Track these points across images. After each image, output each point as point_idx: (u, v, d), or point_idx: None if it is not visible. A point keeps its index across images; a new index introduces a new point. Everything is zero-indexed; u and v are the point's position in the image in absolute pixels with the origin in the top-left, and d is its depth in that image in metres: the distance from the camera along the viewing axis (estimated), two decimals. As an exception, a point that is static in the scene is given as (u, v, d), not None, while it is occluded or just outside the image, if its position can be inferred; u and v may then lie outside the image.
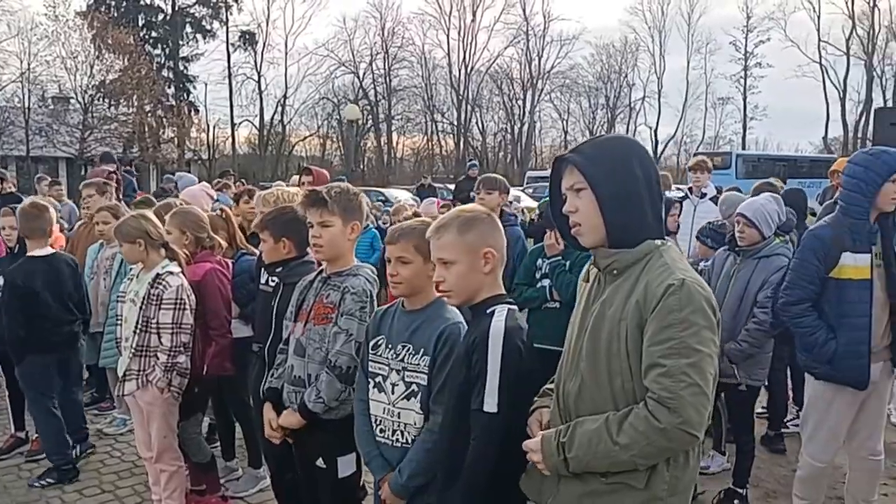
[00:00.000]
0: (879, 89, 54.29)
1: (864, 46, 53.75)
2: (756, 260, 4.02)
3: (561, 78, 60.91)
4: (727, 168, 35.46)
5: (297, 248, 3.34)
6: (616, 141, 2.04)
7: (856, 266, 3.36)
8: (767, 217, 3.97)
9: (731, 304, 4.04)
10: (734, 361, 3.99)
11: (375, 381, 2.61)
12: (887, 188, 3.31)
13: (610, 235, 1.93)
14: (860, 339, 3.37)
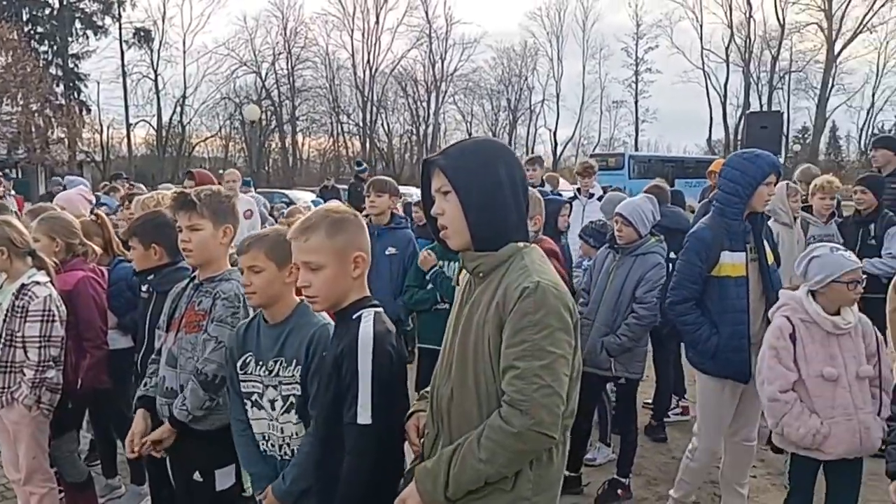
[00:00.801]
0: (756, 94, 57.54)
1: (741, 54, 56.88)
2: (633, 257, 4.13)
3: (464, 80, 61.45)
4: (621, 168, 36.71)
5: (169, 255, 3.17)
6: (482, 145, 2.00)
7: (733, 264, 3.52)
8: (643, 216, 4.10)
9: (610, 299, 4.14)
10: (612, 355, 4.08)
11: (252, 400, 2.49)
12: (762, 190, 3.47)
13: (475, 238, 1.91)
14: (740, 333, 3.52)
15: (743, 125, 13.22)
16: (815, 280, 2.91)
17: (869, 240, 5.27)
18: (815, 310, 2.91)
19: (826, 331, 2.92)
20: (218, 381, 2.68)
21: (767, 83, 57.03)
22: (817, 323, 2.92)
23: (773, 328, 3.00)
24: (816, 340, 2.92)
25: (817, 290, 2.94)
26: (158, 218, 3.19)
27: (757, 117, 11.22)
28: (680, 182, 39.93)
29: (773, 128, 10.47)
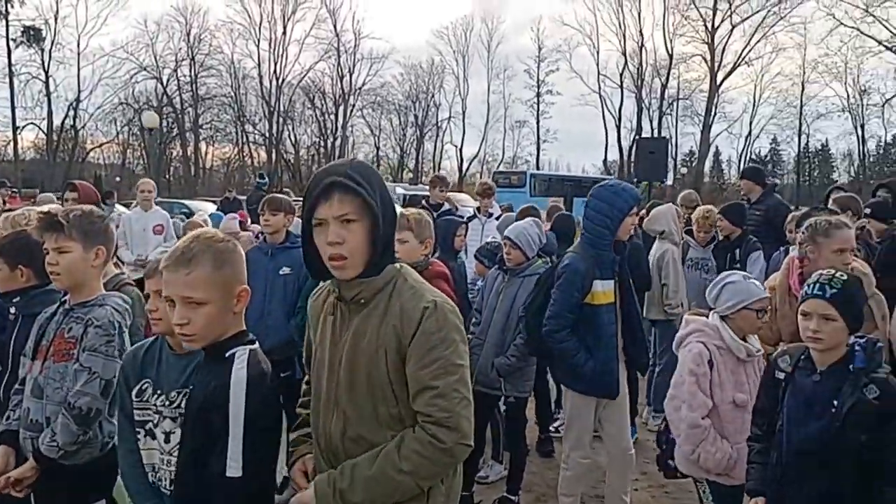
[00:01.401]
0: (647, 119, 60.24)
1: (634, 81, 59.46)
2: (521, 279, 4.20)
3: (372, 95, 61.29)
4: (522, 186, 37.60)
5: (37, 276, 2.94)
6: (368, 165, 1.93)
7: (604, 292, 3.70)
8: (530, 239, 4.17)
9: (500, 320, 4.19)
10: (502, 375, 4.12)
11: (146, 429, 2.21)
12: (627, 221, 3.64)
13: (368, 267, 1.82)
14: (612, 356, 3.73)
15: (635, 149, 13.73)
16: (727, 306, 2.94)
17: (734, 263, 5.56)
18: (730, 336, 2.92)
19: (737, 357, 2.96)
20: (92, 414, 2.49)
21: (658, 109, 59.78)
22: (730, 349, 2.94)
23: (693, 355, 2.94)
24: (728, 367, 2.95)
25: (727, 315, 2.96)
26: (24, 238, 2.96)
27: (646, 143, 11.72)
28: (578, 200, 41.26)
29: (659, 153, 10.96)
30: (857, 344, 2.36)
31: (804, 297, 2.43)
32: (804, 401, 2.44)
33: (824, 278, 2.43)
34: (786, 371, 2.52)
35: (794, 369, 2.49)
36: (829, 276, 2.43)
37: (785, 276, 3.32)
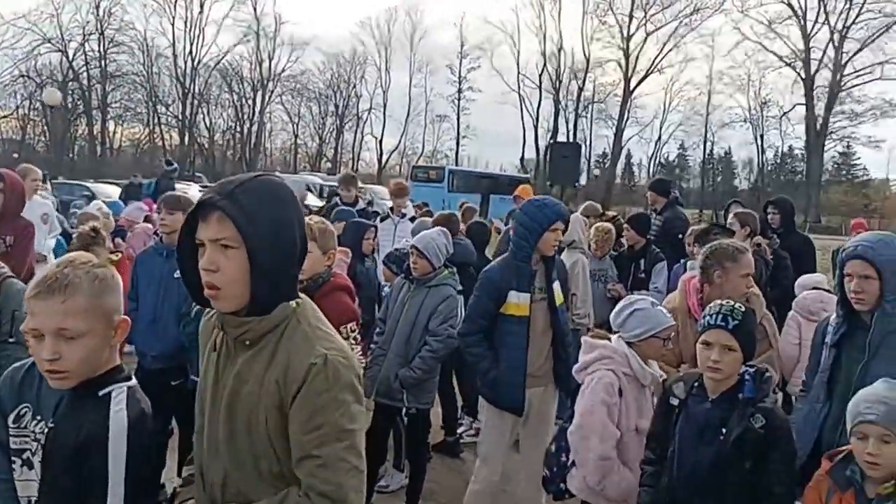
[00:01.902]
0: (564, 120, 61.52)
1: (552, 82, 60.57)
2: (427, 289, 4.11)
3: (292, 82, 60.04)
4: (441, 181, 37.66)
5: None
6: (271, 186, 1.66)
7: (518, 304, 3.65)
8: (437, 249, 4.09)
9: (404, 331, 4.10)
10: (405, 387, 4.03)
11: (23, 458, 1.93)
12: (547, 236, 3.61)
13: (253, 303, 1.62)
14: (516, 369, 3.67)
15: (548, 153, 13.95)
16: (635, 333, 2.90)
17: (639, 273, 5.67)
18: (639, 364, 2.90)
19: (641, 384, 2.94)
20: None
21: (574, 111, 61.15)
22: (636, 377, 2.92)
23: (605, 384, 2.87)
24: (633, 394, 2.92)
25: (634, 342, 2.93)
26: None
27: (560, 147, 11.92)
28: (495, 197, 41.82)
29: (572, 157, 11.15)
30: (748, 373, 2.40)
31: (706, 327, 2.43)
32: (696, 427, 2.46)
33: (725, 309, 2.44)
34: (680, 398, 2.53)
35: (688, 396, 2.51)
36: (729, 307, 2.45)
37: (684, 298, 3.35)
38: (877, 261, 2.56)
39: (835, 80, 55.34)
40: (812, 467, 2.60)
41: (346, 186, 8.17)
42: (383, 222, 7.80)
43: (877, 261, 2.56)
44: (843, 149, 61.84)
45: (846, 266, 2.66)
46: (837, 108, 56.19)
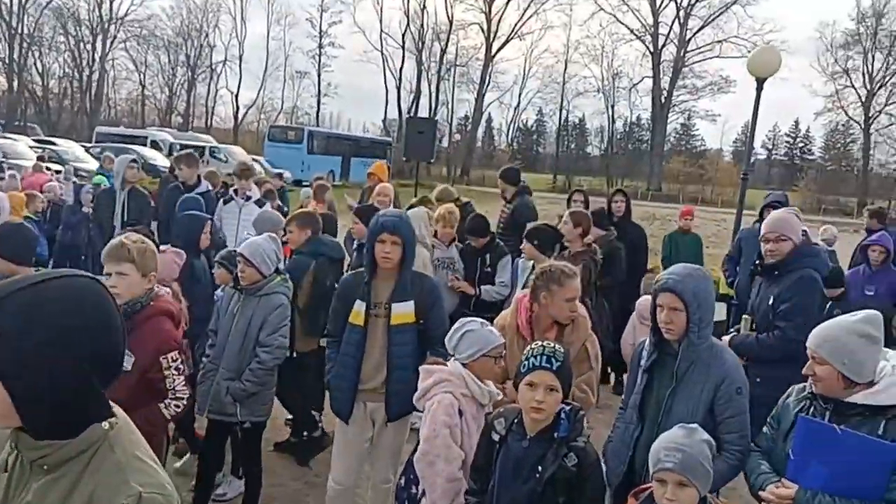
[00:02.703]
0: (427, 82, 61.50)
1: (416, 43, 60.22)
2: (257, 298, 3.92)
3: (137, 27, 55.85)
4: (300, 143, 36.60)
5: None
6: (57, 296, 1.34)
7: (357, 312, 3.59)
8: (265, 257, 3.91)
9: (235, 343, 3.90)
10: (238, 400, 3.86)
11: None
12: (377, 248, 3.51)
13: (33, 432, 1.35)
14: (345, 376, 3.63)
15: (405, 127, 13.85)
16: (468, 354, 2.90)
17: (485, 268, 5.73)
18: (476, 384, 2.89)
19: (480, 403, 2.94)
20: None
21: (437, 73, 61.18)
22: (475, 397, 2.92)
23: (445, 406, 2.84)
24: (472, 414, 2.92)
25: (468, 363, 2.92)
26: None
27: (415, 122, 11.80)
28: (356, 160, 41.25)
29: (428, 133, 11.06)
30: (563, 411, 2.46)
31: (530, 368, 2.46)
32: (514, 464, 2.51)
33: (549, 350, 2.48)
34: (500, 434, 2.57)
35: (508, 433, 2.55)
36: (552, 349, 2.49)
37: (514, 317, 3.40)
38: (684, 294, 2.70)
39: (679, 55, 58.94)
40: (626, 486, 2.75)
41: (186, 165, 7.66)
42: (227, 205, 7.41)
43: (684, 294, 2.70)
44: (685, 121, 66.43)
45: (657, 297, 2.79)
46: (681, 83, 60.06)
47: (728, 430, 2.69)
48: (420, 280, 3.71)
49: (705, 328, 2.73)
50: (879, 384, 2.31)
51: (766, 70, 8.89)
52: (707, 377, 2.72)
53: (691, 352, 2.74)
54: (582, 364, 3.20)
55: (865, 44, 56.63)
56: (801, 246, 3.95)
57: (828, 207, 52.43)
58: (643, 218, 29.74)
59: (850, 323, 2.38)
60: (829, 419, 2.35)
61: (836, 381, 2.35)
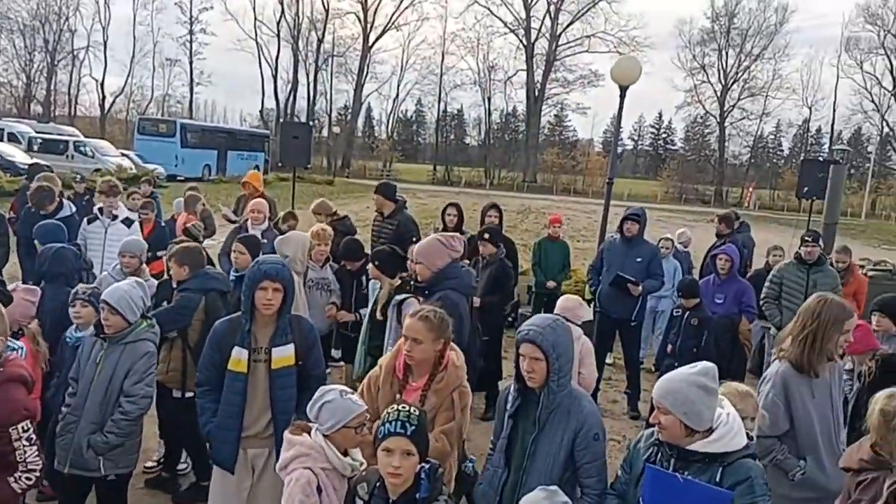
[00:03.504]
0: (304, 72, 60.19)
1: (291, 31, 58.69)
2: (122, 346, 3.72)
3: (-15, 9, 51.21)
4: (172, 136, 34.77)
5: None
6: None
7: (238, 359, 3.50)
8: (131, 303, 3.72)
9: (98, 393, 3.68)
10: (100, 453, 3.66)
11: None
12: (258, 295, 3.42)
13: None
14: (229, 425, 3.53)
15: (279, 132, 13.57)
16: (328, 426, 2.79)
17: (361, 290, 5.73)
18: (335, 456, 2.80)
19: (342, 475, 2.85)
20: None
21: (314, 63, 59.96)
22: (337, 469, 2.82)
23: (302, 485, 2.73)
24: (334, 485, 2.82)
25: (329, 434, 2.82)
26: None
27: (290, 127, 11.58)
28: (232, 154, 39.82)
29: (303, 138, 10.86)
30: (423, 471, 2.48)
31: (386, 434, 2.46)
32: (379, 529, 2.50)
33: (403, 415, 2.48)
34: (364, 499, 2.57)
35: (371, 497, 2.55)
36: (406, 413, 2.50)
37: (393, 358, 3.39)
38: (543, 345, 2.81)
39: (551, 48, 60.83)
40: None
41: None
42: (91, 225, 6.94)
43: (543, 345, 2.81)
44: (558, 112, 68.71)
45: (520, 347, 2.88)
46: (553, 76, 62.03)
47: (587, 474, 2.83)
48: (297, 322, 3.66)
49: (564, 377, 2.84)
50: (715, 433, 2.49)
51: (628, 78, 9.31)
52: (567, 424, 2.84)
53: (552, 400, 2.84)
54: (446, 413, 3.22)
55: (720, 41, 60.83)
56: (444, 268, 4.36)
57: (688, 196, 55.94)
58: (519, 211, 30.82)
59: (689, 375, 2.55)
60: (674, 466, 2.52)
61: (678, 429, 2.51)
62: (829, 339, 3.33)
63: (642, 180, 68.79)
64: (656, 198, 53.43)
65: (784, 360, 3.42)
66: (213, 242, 9.26)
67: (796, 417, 3.33)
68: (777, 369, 3.42)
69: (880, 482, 2.64)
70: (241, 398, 3.52)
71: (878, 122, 59.31)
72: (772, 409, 3.33)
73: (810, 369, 3.34)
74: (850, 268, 7.29)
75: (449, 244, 4.43)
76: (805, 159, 14.14)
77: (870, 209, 52.08)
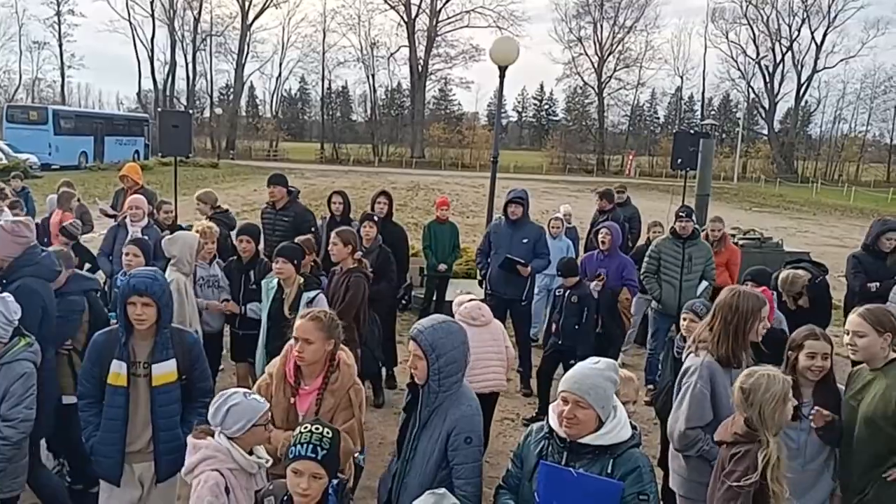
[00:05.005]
0: (182, 53, 57.34)
1: (166, 11, 55.66)
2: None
3: None
4: (45, 123, 32.49)
5: None
6: None
7: (118, 373, 3.37)
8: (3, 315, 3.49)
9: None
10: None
11: None
12: (129, 309, 3.31)
13: None
14: (111, 440, 3.41)
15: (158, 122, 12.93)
16: (237, 428, 2.76)
17: (250, 285, 5.58)
18: (242, 456, 2.78)
19: (248, 473, 2.83)
20: None
21: (192, 42, 57.22)
22: (244, 469, 2.80)
23: (210, 486, 2.68)
24: (242, 485, 2.80)
25: (239, 436, 2.80)
26: None
27: (169, 116, 10.96)
28: (110, 140, 37.61)
29: (184, 127, 10.39)
30: (331, 487, 2.47)
31: (295, 456, 2.43)
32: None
33: (315, 438, 2.44)
34: None
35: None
36: (318, 436, 2.45)
37: (282, 364, 3.34)
38: (423, 344, 2.82)
39: (432, 24, 60.73)
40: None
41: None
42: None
43: (423, 344, 2.82)
44: (442, 87, 68.90)
45: (410, 343, 2.91)
46: (435, 52, 62.01)
47: (458, 475, 2.83)
48: (180, 335, 3.52)
49: (447, 378, 2.83)
50: (605, 426, 2.53)
51: (507, 59, 9.51)
52: (443, 424, 2.85)
53: (431, 399, 2.86)
54: (345, 412, 3.23)
55: (594, 14, 62.74)
56: (20, 256, 4.02)
57: (572, 167, 57.70)
58: (409, 188, 30.83)
59: (601, 370, 2.58)
60: (567, 459, 2.57)
61: (593, 423, 2.52)
62: (750, 329, 3.36)
63: (528, 151, 70.35)
64: (542, 169, 54.84)
65: (705, 352, 3.42)
66: (94, 235, 8.79)
67: (720, 406, 3.32)
68: (701, 362, 3.39)
69: (752, 454, 2.74)
70: (122, 412, 3.38)
71: (745, 88, 63.46)
72: (700, 399, 3.32)
73: (735, 361, 3.34)
74: (723, 238, 7.64)
75: (13, 231, 4.06)
76: (678, 132, 14.82)
77: (741, 172, 55.32)
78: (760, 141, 65.38)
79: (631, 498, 2.45)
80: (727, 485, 2.77)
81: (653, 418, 5.26)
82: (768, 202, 34.92)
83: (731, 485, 2.75)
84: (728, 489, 2.76)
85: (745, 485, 2.70)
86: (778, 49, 61.06)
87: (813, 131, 67.33)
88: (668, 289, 6.70)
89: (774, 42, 61.00)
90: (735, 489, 2.73)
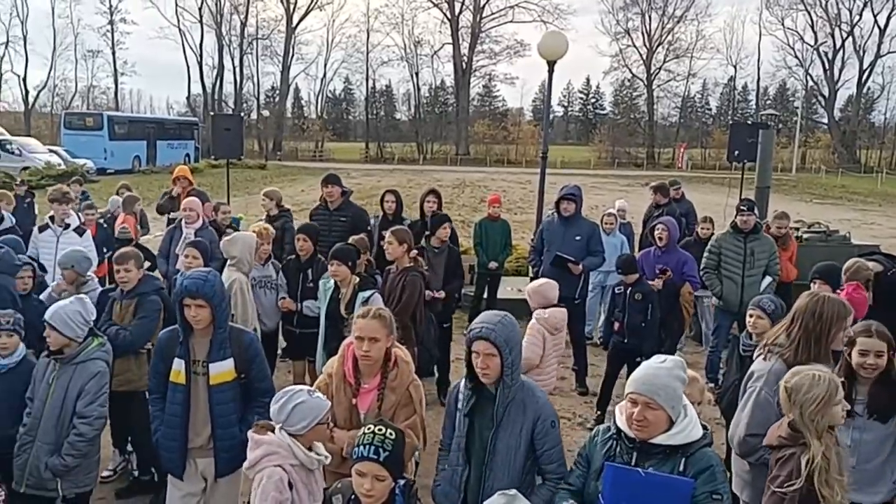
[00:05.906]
0: (229, 56, 58.62)
1: (213, 16, 56.94)
2: (74, 367, 3.65)
3: None
4: (100, 129, 33.71)
5: None
6: None
7: (178, 371, 3.48)
8: (69, 322, 3.63)
9: (51, 414, 3.62)
10: (58, 475, 3.60)
11: None
12: (185, 310, 3.40)
13: None
14: (173, 435, 3.52)
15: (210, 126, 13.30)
16: (302, 426, 2.82)
17: (307, 283, 5.66)
18: (303, 453, 2.84)
19: (308, 469, 2.89)
20: None
21: (239, 47, 58.47)
22: (304, 465, 2.86)
23: (275, 482, 2.75)
24: (303, 481, 2.86)
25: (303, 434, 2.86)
26: None
27: (221, 119, 11.26)
28: (161, 143, 38.72)
29: (234, 129, 10.68)
30: (397, 488, 2.50)
31: (358, 457, 2.45)
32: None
33: (377, 440, 2.46)
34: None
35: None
36: (381, 437, 2.47)
37: (341, 364, 3.39)
38: (497, 341, 2.84)
39: (476, 21, 60.57)
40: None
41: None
42: (42, 234, 6.72)
43: (497, 341, 2.84)
44: (486, 83, 68.72)
45: (472, 345, 2.92)
46: (479, 48, 61.86)
47: (549, 460, 2.89)
48: (239, 335, 3.60)
49: (516, 370, 2.89)
50: (676, 426, 2.51)
51: (555, 53, 9.41)
52: (524, 416, 2.89)
53: (507, 394, 2.89)
54: (406, 408, 3.27)
55: (642, 5, 61.67)
56: None
57: (621, 161, 56.80)
58: (455, 186, 30.83)
59: (670, 370, 2.55)
60: (637, 459, 2.54)
61: (664, 424, 2.48)
62: (833, 338, 3.22)
63: (574, 146, 69.61)
64: (590, 164, 54.20)
65: (776, 357, 3.30)
66: (150, 237, 9.15)
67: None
68: (770, 367, 3.27)
69: (797, 458, 2.66)
70: (183, 409, 3.49)
71: (803, 76, 61.49)
72: (764, 406, 3.20)
73: None
74: (787, 235, 7.50)
75: None
76: (734, 123, 14.44)
77: (800, 163, 53.65)
78: (820, 130, 63.30)
79: (703, 497, 2.43)
80: (771, 490, 2.70)
81: (717, 418, 5.15)
82: (830, 193, 33.76)
83: (774, 490, 2.68)
84: (772, 495, 2.70)
85: (788, 490, 2.62)
86: (838, 34, 59.00)
87: (876, 119, 64.82)
88: (730, 285, 6.58)
89: (834, 27, 58.95)
90: (779, 495, 2.65)
